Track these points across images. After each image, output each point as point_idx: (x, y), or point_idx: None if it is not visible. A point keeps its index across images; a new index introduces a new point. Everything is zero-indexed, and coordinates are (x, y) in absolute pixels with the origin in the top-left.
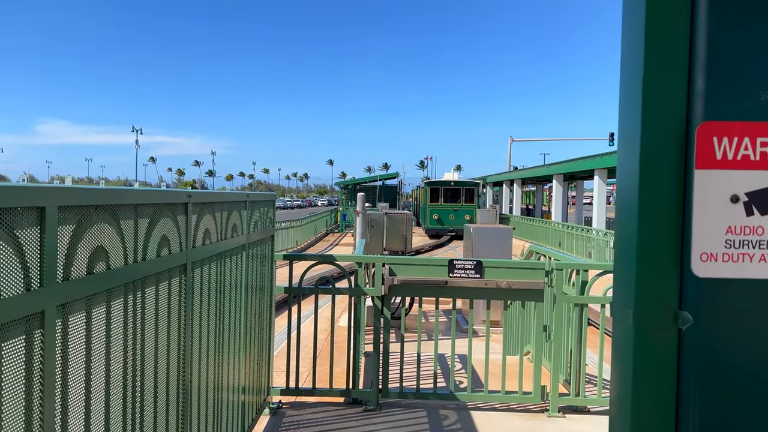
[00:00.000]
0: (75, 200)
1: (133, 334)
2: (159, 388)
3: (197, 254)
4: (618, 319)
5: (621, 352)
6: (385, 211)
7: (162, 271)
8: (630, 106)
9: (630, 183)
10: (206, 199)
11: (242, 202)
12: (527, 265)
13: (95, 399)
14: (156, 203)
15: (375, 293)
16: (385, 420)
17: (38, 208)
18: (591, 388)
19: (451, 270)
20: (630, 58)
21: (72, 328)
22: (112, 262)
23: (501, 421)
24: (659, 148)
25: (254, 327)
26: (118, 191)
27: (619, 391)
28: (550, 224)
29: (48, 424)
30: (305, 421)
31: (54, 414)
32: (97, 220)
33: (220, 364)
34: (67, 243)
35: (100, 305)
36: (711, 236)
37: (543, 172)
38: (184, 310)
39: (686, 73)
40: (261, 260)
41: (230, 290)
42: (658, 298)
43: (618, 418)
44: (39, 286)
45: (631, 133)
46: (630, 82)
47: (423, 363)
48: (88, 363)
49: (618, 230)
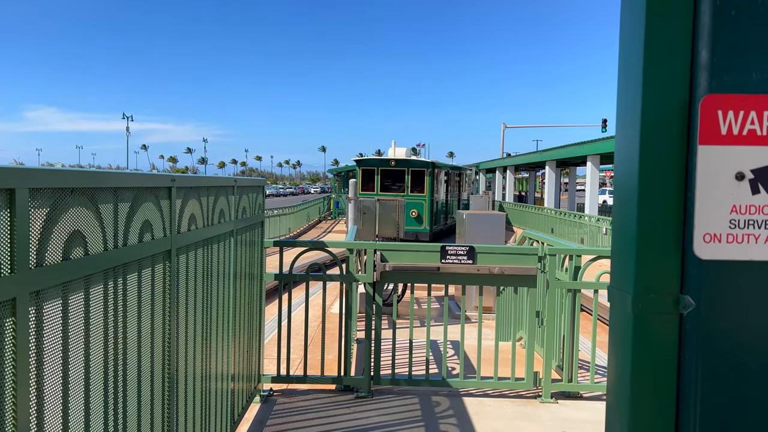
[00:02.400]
0: (48, 182)
1: (114, 323)
2: (143, 377)
3: (182, 240)
4: (616, 304)
5: (619, 338)
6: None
7: (144, 257)
8: (630, 81)
9: (630, 161)
10: (191, 184)
11: (230, 187)
12: (520, 250)
13: (74, 390)
14: (137, 187)
15: (366, 280)
16: (377, 407)
17: (7, 190)
18: (584, 374)
19: (444, 256)
20: (630, 31)
21: (47, 316)
22: (91, 248)
23: (493, 407)
24: (661, 124)
25: (244, 314)
26: (95, 174)
27: (617, 379)
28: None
29: (22, 418)
30: (296, 409)
31: (29, 407)
32: (73, 203)
33: (208, 353)
34: (41, 227)
35: (77, 292)
36: (714, 216)
37: (536, 158)
38: (168, 298)
39: (689, 44)
40: (250, 247)
41: (218, 277)
42: (658, 281)
43: (616, 407)
44: (10, 272)
45: (631, 108)
46: (630, 55)
47: (415, 350)
48: (66, 353)
49: (616, 211)
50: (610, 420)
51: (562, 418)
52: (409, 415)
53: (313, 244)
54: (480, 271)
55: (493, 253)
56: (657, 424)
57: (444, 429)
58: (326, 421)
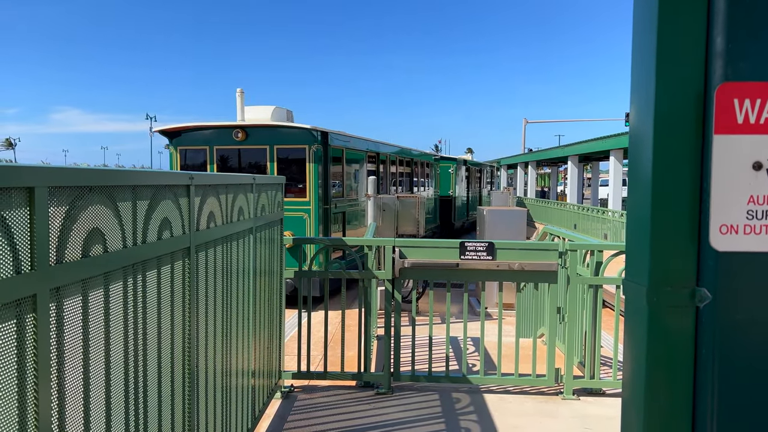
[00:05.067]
0: (67, 181)
1: (134, 319)
2: (163, 373)
3: (201, 237)
4: (630, 297)
5: (634, 332)
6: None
7: (163, 254)
8: (643, 70)
9: (643, 151)
10: (210, 182)
11: (248, 184)
12: (540, 246)
13: (94, 385)
14: (156, 185)
15: (386, 276)
16: (397, 403)
17: (27, 188)
18: (606, 370)
19: (463, 252)
20: (643, 18)
21: (67, 312)
22: (110, 245)
23: (514, 403)
24: (675, 113)
25: (264, 311)
26: (113, 172)
27: (632, 374)
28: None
29: (43, 412)
30: (317, 405)
31: (50, 402)
32: (92, 201)
33: (228, 349)
34: (60, 225)
35: (97, 289)
36: (731, 207)
37: (558, 153)
38: (188, 295)
39: (704, 30)
40: (269, 244)
41: (237, 274)
42: (673, 274)
43: (631, 402)
44: (30, 269)
45: (645, 98)
46: (643, 43)
47: (435, 346)
48: (86, 348)
49: (630, 202)
50: (625, 416)
51: (583, 414)
52: (429, 412)
53: (333, 241)
54: (500, 267)
55: (513, 249)
56: (673, 420)
57: (464, 425)
58: (346, 417)
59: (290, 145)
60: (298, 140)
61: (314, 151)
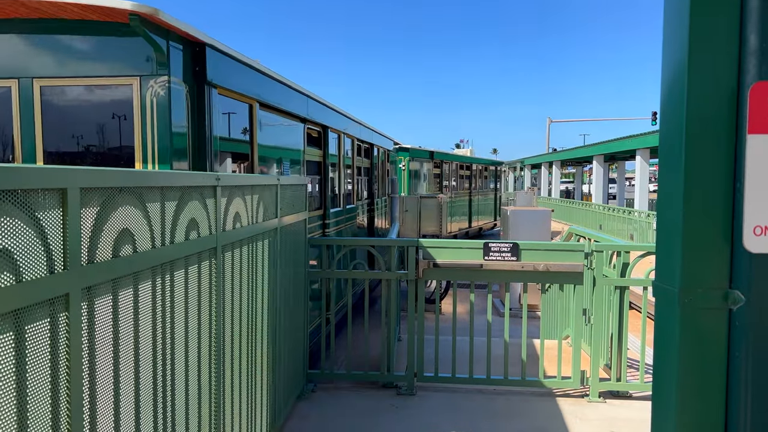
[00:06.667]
0: (98, 182)
1: (162, 318)
2: (190, 372)
3: (227, 237)
4: (661, 300)
5: (664, 335)
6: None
7: (191, 254)
8: (674, 69)
9: (674, 151)
10: (235, 182)
11: (273, 185)
12: (566, 247)
13: (124, 382)
14: (183, 186)
15: (409, 277)
16: (420, 404)
17: (59, 189)
18: (633, 373)
19: (487, 253)
20: (674, 16)
21: (99, 311)
22: (139, 245)
23: (539, 405)
24: (707, 113)
25: (288, 310)
26: (143, 173)
27: (663, 377)
28: (591, 206)
29: (75, 408)
30: (340, 404)
31: (81, 398)
32: (122, 202)
33: (254, 349)
34: (92, 225)
35: (127, 288)
36: (765, 208)
37: (582, 152)
38: (215, 294)
39: (737, 29)
40: (294, 244)
41: (263, 274)
42: (705, 276)
43: (662, 405)
44: (63, 269)
45: (676, 98)
46: (674, 42)
47: (458, 347)
48: (116, 346)
49: (660, 203)
50: (656, 419)
51: (610, 417)
52: (451, 414)
53: (356, 242)
54: (524, 268)
55: (538, 250)
56: (705, 423)
57: (488, 427)
58: (369, 417)
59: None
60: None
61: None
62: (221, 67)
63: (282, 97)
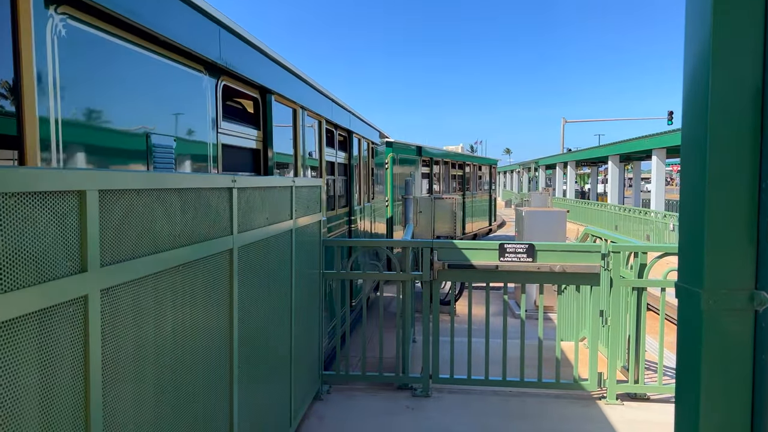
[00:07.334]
0: (116, 184)
1: (179, 319)
2: (208, 372)
3: (243, 239)
4: (684, 301)
5: (688, 337)
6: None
7: (207, 255)
8: (697, 67)
9: (697, 150)
10: (251, 184)
11: (288, 187)
12: (582, 248)
13: (142, 382)
14: (200, 188)
15: (424, 278)
16: (435, 405)
17: (78, 191)
18: (651, 375)
19: (502, 254)
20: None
21: (117, 312)
22: (157, 247)
23: (556, 408)
24: (731, 111)
25: (303, 311)
26: (160, 175)
27: (686, 380)
28: (606, 207)
29: (95, 405)
30: (355, 405)
31: (101, 398)
32: (139, 204)
33: (270, 349)
34: (110, 227)
35: (144, 289)
36: None
37: (598, 153)
38: (231, 295)
39: (761, 25)
40: (309, 245)
41: (278, 274)
42: (730, 277)
43: (685, 409)
44: (81, 271)
45: (699, 96)
46: (696, 39)
47: (474, 349)
48: (134, 347)
49: (684, 203)
50: (680, 422)
51: (628, 419)
52: (467, 415)
53: (370, 243)
54: (540, 269)
55: (554, 251)
56: (730, 427)
57: (504, 429)
58: (384, 419)
59: None
60: None
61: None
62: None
63: None
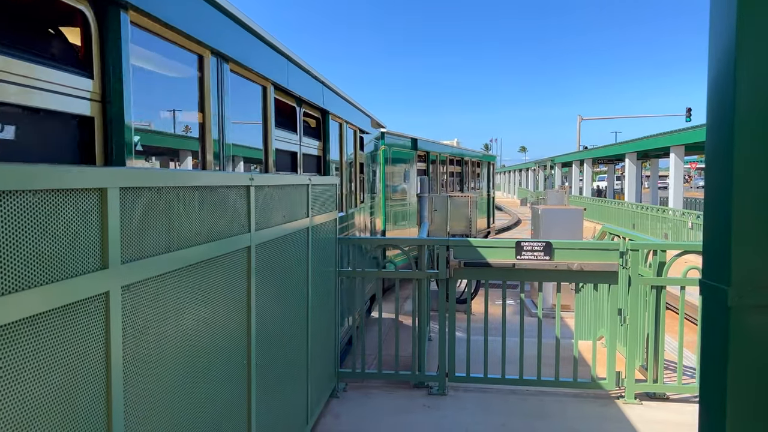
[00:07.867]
0: (136, 182)
1: (198, 316)
2: (226, 369)
3: (261, 236)
4: (709, 298)
5: (712, 334)
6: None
7: (226, 253)
8: (721, 66)
9: (723, 147)
10: (268, 182)
11: (305, 185)
12: (600, 246)
13: (162, 378)
14: (218, 186)
15: (440, 276)
16: (452, 404)
17: (99, 189)
18: (670, 374)
19: (519, 252)
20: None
21: (137, 309)
22: (176, 244)
23: (573, 407)
24: (758, 108)
25: (320, 309)
26: (180, 173)
27: (711, 379)
28: (623, 205)
29: (116, 401)
30: (371, 404)
31: (121, 391)
32: (159, 201)
33: (286, 348)
34: (130, 225)
35: (164, 287)
36: None
37: (615, 150)
38: (249, 293)
39: None
40: (325, 243)
41: (295, 272)
42: (757, 273)
43: (710, 409)
44: (102, 268)
45: (724, 92)
46: (721, 36)
47: (490, 347)
48: (154, 344)
49: (709, 199)
50: (703, 424)
51: (646, 419)
52: (484, 414)
53: (385, 241)
54: (557, 267)
55: (571, 249)
56: (757, 427)
57: (522, 428)
58: (401, 417)
59: None
60: None
61: None
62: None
63: None
